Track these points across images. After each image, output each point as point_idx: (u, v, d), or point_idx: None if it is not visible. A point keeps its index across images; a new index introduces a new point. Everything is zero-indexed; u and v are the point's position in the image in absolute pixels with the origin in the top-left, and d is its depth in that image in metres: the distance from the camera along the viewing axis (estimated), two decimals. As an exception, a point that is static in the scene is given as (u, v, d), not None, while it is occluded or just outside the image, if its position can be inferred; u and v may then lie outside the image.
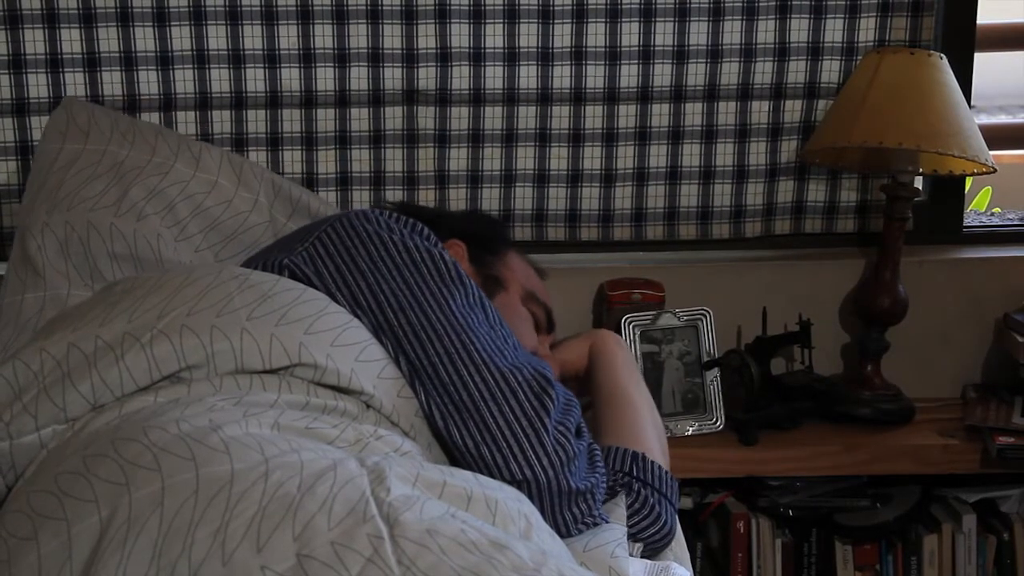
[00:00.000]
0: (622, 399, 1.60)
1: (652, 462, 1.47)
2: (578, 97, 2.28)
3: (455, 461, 1.33)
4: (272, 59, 2.20)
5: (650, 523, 1.43)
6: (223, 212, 1.83)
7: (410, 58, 2.22)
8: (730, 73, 2.29)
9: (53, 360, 1.23)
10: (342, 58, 2.22)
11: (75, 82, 2.16)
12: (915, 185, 2.25)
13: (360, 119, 2.25)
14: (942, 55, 2.16)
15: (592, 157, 2.31)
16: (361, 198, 2.28)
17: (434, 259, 1.41)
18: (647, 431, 1.55)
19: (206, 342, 1.24)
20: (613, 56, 2.26)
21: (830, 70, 2.31)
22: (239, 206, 1.85)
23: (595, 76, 2.27)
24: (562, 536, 1.27)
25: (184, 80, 2.19)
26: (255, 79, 2.21)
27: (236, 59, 2.20)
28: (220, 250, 1.83)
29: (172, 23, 2.16)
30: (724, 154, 2.34)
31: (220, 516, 1.00)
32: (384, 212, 1.48)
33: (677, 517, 1.51)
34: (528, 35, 2.24)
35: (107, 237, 1.71)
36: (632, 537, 1.41)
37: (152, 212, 1.77)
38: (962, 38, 2.35)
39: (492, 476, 1.29)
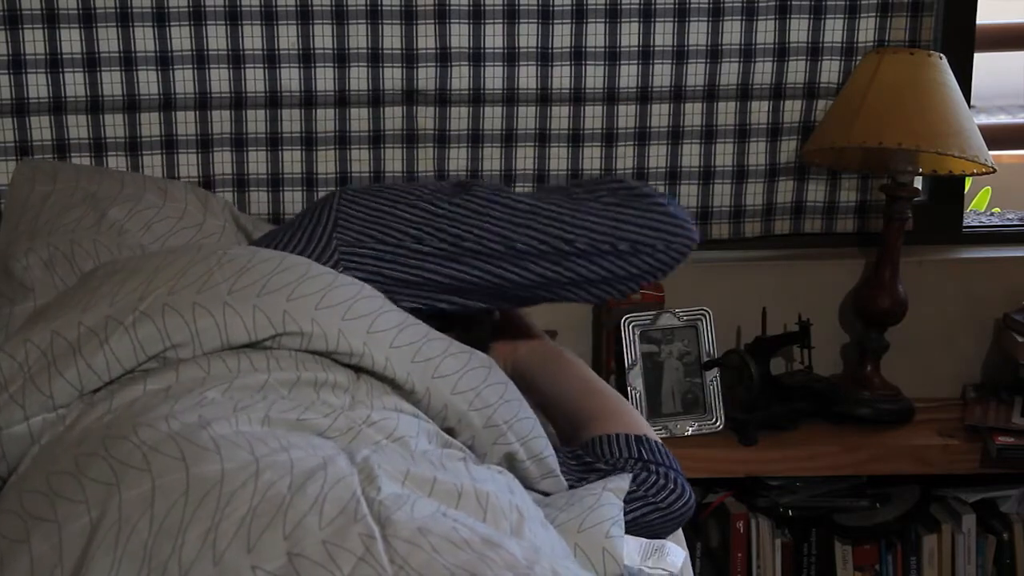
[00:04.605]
0: (588, 391, 1.59)
1: (655, 441, 1.49)
2: (578, 97, 2.28)
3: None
4: (272, 59, 2.21)
5: (676, 497, 1.45)
6: (196, 234, 1.88)
7: (410, 58, 2.23)
8: (730, 73, 2.29)
9: (38, 350, 1.23)
10: (342, 58, 2.22)
11: (75, 82, 2.17)
12: (915, 185, 2.24)
13: (360, 119, 2.25)
14: (942, 55, 2.16)
15: (592, 157, 2.31)
16: (361, 198, 2.28)
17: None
18: (630, 412, 1.56)
19: (189, 320, 1.24)
20: (613, 56, 2.26)
21: (830, 70, 2.31)
22: (210, 229, 1.90)
23: (595, 76, 2.27)
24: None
25: (184, 80, 2.20)
26: (255, 79, 2.21)
27: (236, 59, 2.20)
28: None
29: (172, 23, 2.17)
30: (724, 154, 2.33)
31: (210, 516, 1.00)
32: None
33: None
34: (528, 35, 2.24)
35: (92, 252, 1.72)
36: (663, 516, 1.43)
37: (133, 229, 1.81)
38: (962, 38, 2.35)
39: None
